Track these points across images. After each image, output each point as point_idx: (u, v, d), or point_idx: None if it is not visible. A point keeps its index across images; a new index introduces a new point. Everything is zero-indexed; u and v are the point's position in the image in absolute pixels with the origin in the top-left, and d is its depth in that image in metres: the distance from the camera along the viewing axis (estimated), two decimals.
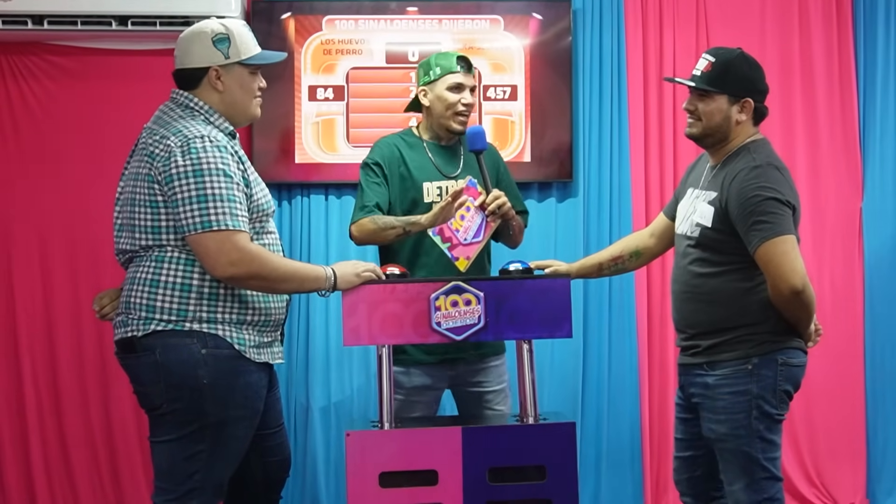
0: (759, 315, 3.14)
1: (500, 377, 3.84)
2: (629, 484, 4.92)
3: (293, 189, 4.86)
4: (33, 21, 4.54)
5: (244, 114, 3.13)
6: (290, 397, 4.79)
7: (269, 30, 4.75)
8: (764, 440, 3.14)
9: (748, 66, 3.25)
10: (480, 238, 3.59)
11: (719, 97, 3.22)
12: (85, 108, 4.81)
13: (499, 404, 3.81)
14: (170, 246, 2.93)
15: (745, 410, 3.12)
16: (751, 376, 3.12)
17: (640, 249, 3.62)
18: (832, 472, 4.98)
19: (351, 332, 3.14)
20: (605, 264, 3.65)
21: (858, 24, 5.06)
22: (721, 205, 3.14)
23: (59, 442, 4.79)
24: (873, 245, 5.03)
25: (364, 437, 3.14)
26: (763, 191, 3.06)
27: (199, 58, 3.04)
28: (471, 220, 3.60)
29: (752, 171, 3.11)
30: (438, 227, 3.56)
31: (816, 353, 4.90)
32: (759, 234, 3.04)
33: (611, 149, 4.95)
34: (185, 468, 2.94)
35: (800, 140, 5.02)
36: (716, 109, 3.22)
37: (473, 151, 3.63)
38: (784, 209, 3.07)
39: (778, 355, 3.14)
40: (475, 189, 3.60)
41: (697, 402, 3.25)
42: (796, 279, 3.03)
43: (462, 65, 3.71)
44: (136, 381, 3.01)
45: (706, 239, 3.19)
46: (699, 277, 3.21)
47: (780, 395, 3.15)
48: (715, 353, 3.17)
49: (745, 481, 3.14)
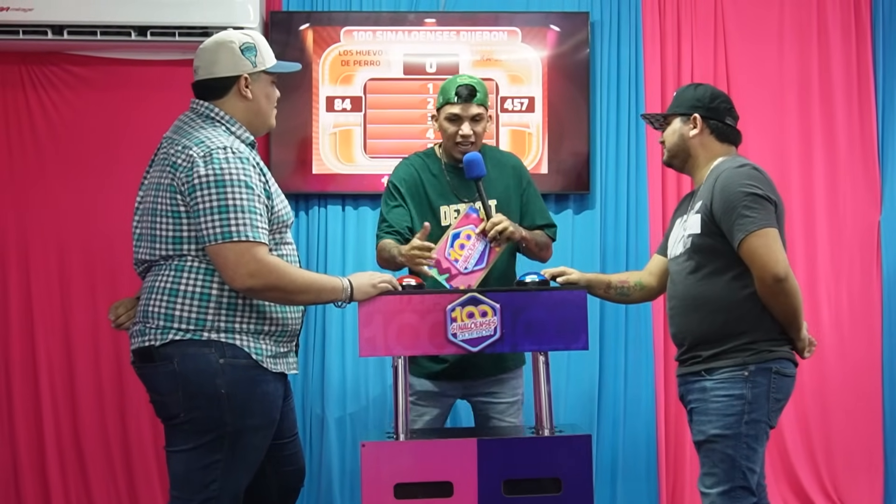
0: (755, 323, 3.18)
1: (515, 390, 3.83)
2: (645, 497, 4.91)
3: (310, 199, 4.87)
4: (53, 31, 4.57)
5: (265, 122, 3.16)
6: (305, 408, 4.80)
7: (287, 40, 4.76)
8: (749, 447, 3.15)
9: (695, 89, 3.46)
10: (484, 265, 3.57)
11: (673, 119, 3.42)
12: (104, 117, 4.83)
13: (511, 416, 3.81)
14: (190, 256, 2.93)
15: (737, 413, 3.14)
16: (746, 382, 3.15)
17: (644, 283, 3.64)
18: (849, 485, 4.95)
19: (367, 343, 3.14)
20: (613, 284, 3.65)
21: (877, 37, 5.05)
22: (707, 208, 3.21)
23: (76, 451, 4.80)
24: (891, 257, 5.01)
25: (379, 447, 3.14)
26: (743, 187, 3.14)
27: (228, 67, 3.05)
28: (472, 248, 3.57)
29: (733, 171, 3.20)
30: (435, 261, 3.56)
31: (833, 364, 4.95)
32: (743, 229, 3.11)
33: (628, 161, 4.95)
34: (202, 478, 2.94)
35: (818, 153, 5.01)
36: (671, 131, 3.43)
37: (471, 179, 3.62)
38: (765, 204, 3.14)
39: (772, 364, 3.18)
40: (476, 216, 3.58)
41: (693, 407, 3.27)
42: (779, 268, 3.09)
43: (461, 94, 3.69)
44: (153, 391, 3.02)
45: (697, 246, 3.24)
46: (696, 286, 3.25)
47: (772, 403, 3.18)
48: (714, 360, 3.21)
49: (723, 487, 3.15)
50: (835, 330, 4.99)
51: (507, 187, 3.81)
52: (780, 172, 4.99)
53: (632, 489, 4.90)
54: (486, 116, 3.75)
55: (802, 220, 4.99)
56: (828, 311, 4.99)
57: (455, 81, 3.76)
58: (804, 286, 4.97)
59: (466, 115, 3.69)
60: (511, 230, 3.56)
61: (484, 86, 3.78)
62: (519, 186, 3.84)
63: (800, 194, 4.99)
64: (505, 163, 3.89)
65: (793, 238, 4.97)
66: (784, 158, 4.99)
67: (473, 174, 3.57)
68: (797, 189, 4.99)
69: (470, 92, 3.69)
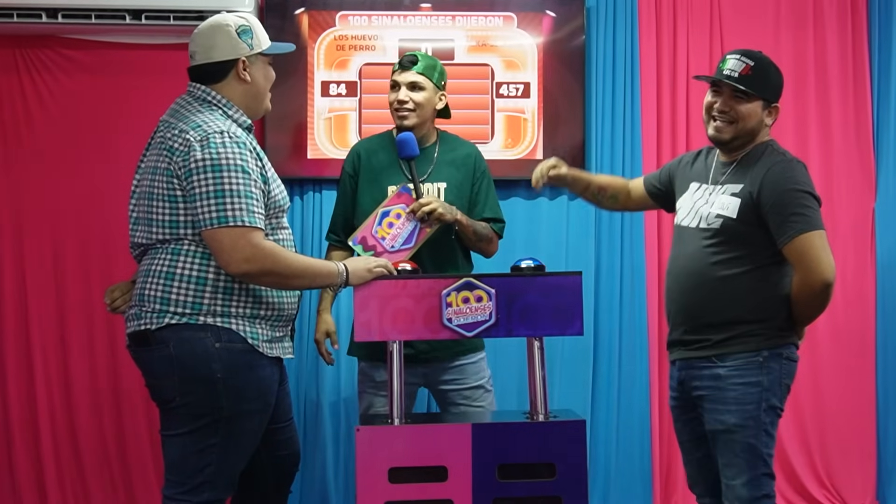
0: (772, 311, 3.17)
1: (478, 373, 3.83)
2: (639, 481, 4.92)
3: (305, 184, 4.86)
4: (47, 14, 4.55)
5: (262, 105, 3.17)
6: (300, 392, 4.79)
7: (282, 25, 4.75)
8: (768, 434, 3.17)
9: (777, 73, 3.32)
10: (412, 244, 3.60)
11: (756, 101, 3.25)
12: (99, 101, 4.81)
13: (477, 400, 3.81)
14: (187, 240, 2.93)
15: (755, 402, 3.15)
16: (761, 368, 3.15)
17: (618, 197, 3.66)
18: (842, 473, 4.96)
19: (362, 327, 3.15)
20: (592, 187, 3.72)
21: (873, 25, 5.04)
22: (752, 196, 3.15)
23: (70, 436, 4.79)
24: (885, 245, 5.01)
25: (374, 432, 3.15)
26: (800, 185, 3.12)
27: (226, 50, 3.04)
28: (401, 227, 3.60)
29: (787, 165, 3.16)
30: (360, 237, 3.61)
31: (827, 353, 4.95)
32: (796, 227, 3.08)
33: (623, 147, 4.95)
34: (197, 461, 2.95)
35: (813, 140, 5.01)
36: (753, 112, 3.25)
37: (402, 158, 3.68)
38: (816, 204, 3.13)
39: (782, 349, 3.19)
40: (408, 195, 3.62)
41: (703, 394, 3.24)
42: (829, 273, 3.08)
43: (402, 63, 3.79)
44: (148, 374, 3.02)
45: (729, 230, 3.19)
46: (717, 270, 3.21)
47: (784, 389, 3.20)
48: (725, 346, 3.19)
49: (747, 476, 3.15)
50: (829, 317, 4.94)
51: (458, 174, 3.84)
52: None
53: (626, 473, 4.91)
54: (428, 87, 3.78)
55: None
56: None
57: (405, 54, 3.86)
58: None
59: (403, 81, 3.77)
60: (440, 211, 3.59)
61: (434, 62, 3.85)
62: (472, 176, 3.86)
63: None
64: (460, 151, 3.91)
65: None
66: None
67: (404, 154, 3.66)
68: None
69: (410, 60, 3.79)
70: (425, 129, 3.83)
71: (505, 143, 4.72)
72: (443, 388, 3.82)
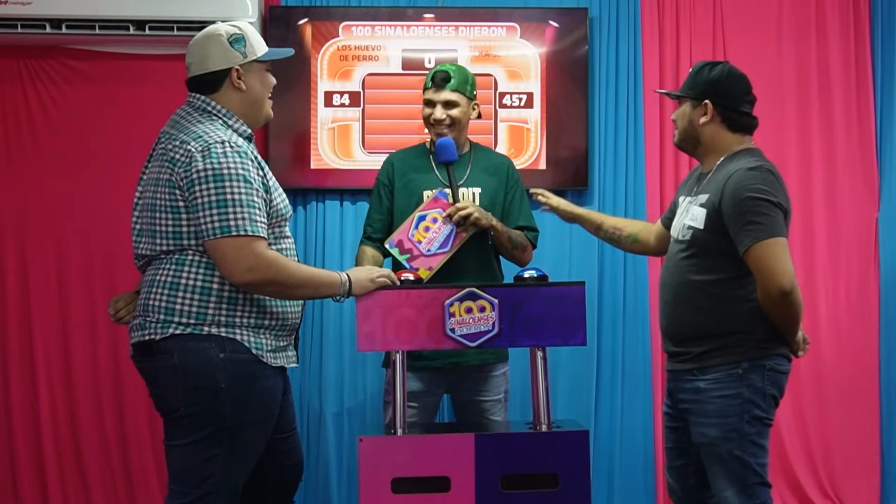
0: (750, 323, 3.15)
1: (500, 387, 3.85)
2: (642, 491, 4.91)
3: (308, 195, 4.87)
4: (52, 25, 4.56)
5: (262, 112, 3.16)
6: (303, 403, 4.79)
7: (285, 35, 4.76)
8: (755, 444, 3.15)
9: (710, 70, 3.31)
10: (448, 249, 3.61)
11: (685, 102, 3.33)
12: (102, 111, 4.82)
13: (495, 415, 3.82)
14: (190, 250, 2.93)
15: (736, 414, 3.13)
16: (741, 380, 3.14)
17: (639, 238, 3.67)
18: (846, 482, 4.95)
19: (365, 338, 3.15)
20: (604, 227, 3.73)
21: (876, 34, 5.04)
22: (714, 206, 3.16)
23: (73, 445, 4.80)
24: (889, 255, 5.01)
25: (377, 442, 3.14)
26: (757, 192, 3.08)
27: (219, 60, 3.05)
28: (437, 231, 3.62)
29: (747, 173, 3.13)
30: (397, 240, 3.62)
31: (831, 362, 4.95)
32: (752, 235, 3.06)
33: (626, 156, 4.95)
34: (201, 472, 2.94)
35: (816, 150, 5.01)
36: (682, 114, 3.34)
37: (441, 163, 3.71)
38: (776, 211, 3.09)
39: (766, 361, 3.16)
40: (445, 200, 3.64)
41: (687, 407, 3.26)
42: (785, 280, 3.05)
43: (436, 81, 3.80)
44: (152, 385, 3.02)
45: (697, 241, 3.21)
46: (692, 283, 3.23)
47: (769, 400, 3.17)
48: (705, 359, 3.19)
49: (737, 486, 3.15)
50: (832, 327, 5.00)
51: (492, 182, 3.87)
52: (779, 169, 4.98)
53: (629, 484, 4.91)
54: (462, 102, 3.80)
55: (801, 217, 4.98)
56: (825, 309, 4.99)
57: (434, 70, 3.87)
58: (802, 283, 4.95)
59: (438, 99, 3.79)
60: (477, 216, 3.61)
61: (465, 73, 3.87)
62: (506, 184, 3.89)
63: (798, 192, 4.98)
64: (494, 160, 3.98)
65: (791, 236, 4.92)
66: (782, 155, 4.98)
67: (443, 158, 3.69)
68: (795, 186, 4.98)
69: (443, 78, 3.80)
70: (462, 139, 3.87)
71: (508, 153, 4.72)
72: (465, 397, 3.83)
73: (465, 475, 3.10)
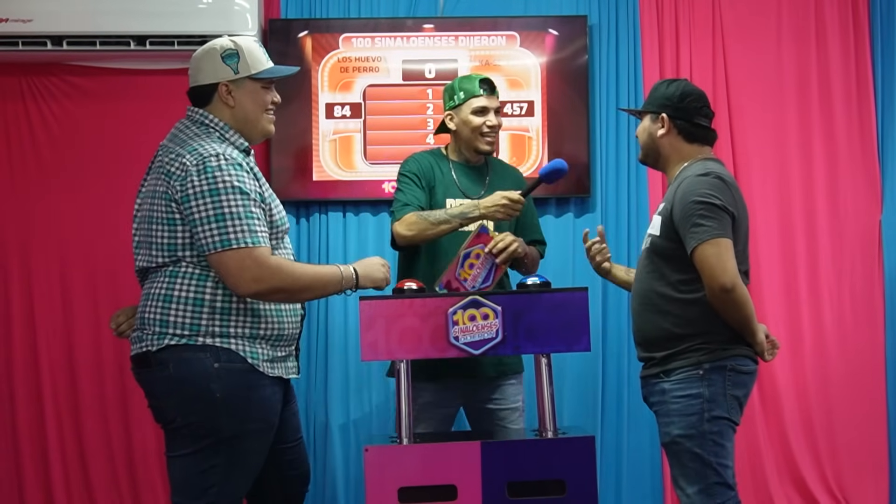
0: (710, 324, 3.20)
1: (516, 396, 3.85)
2: (649, 498, 4.90)
3: (311, 206, 4.87)
4: (52, 42, 4.58)
5: (256, 129, 3.14)
6: (308, 414, 4.80)
7: (285, 48, 4.77)
8: (716, 443, 3.17)
9: (666, 87, 3.44)
10: (489, 284, 3.60)
11: (644, 117, 3.45)
12: (103, 127, 4.84)
13: (513, 423, 3.81)
14: (184, 262, 2.95)
15: (697, 412, 3.17)
16: (702, 381, 3.18)
17: None
18: (854, 484, 4.93)
19: (369, 347, 3.15)
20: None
21: (875, 36, 5.05)
22: (668, 213, 3.24)
23: (79, 457, 4.80)
24: (893, 257, 5.00)
25: (383, 451, 3.15)
26: (702, 196, 3.16)
27: (209, 74, 3.07)
28: (480, 267, 3.61)
29: (696, 179, 3.21)
30: (445, 281, 3.57)
31: (836, 364, 4.94)
32: (696, 236, 3.13)
33: (628, 164, 4.96)
34: (201, 482, 2.94)
35: (818, 152, 5.01)
36: (643, 129, 3.46)
37: (543, 179, 3.69)
38: (721, 214, 3.15)
39: (727, 362, 3.20)
40: (486, 235, 3.62)
41: (656, 409, 3.31)
42: (726, 278, 3.11)
43: (485, 87, 3.81)
44: (151, 396, 3.04)
45: (657, 248, 3.29)
46: (654, 289, 3.28)
47: (731, 400, 3.20)
48: (669, 361, 3.23)
49: (699, 485, 3.17)
50: (837, 329, 4.99)
51: None
52: (781, 173, 5.00)
53: (636, 490, 4.90)
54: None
55: (803, 220, 4.99)
56: (830, 311, 4.99)
57: (473, 77, 3.88)
58: (806, 286, 4.99)
59: (493, 105, 3.82)
60: (517, 249, 3.61)
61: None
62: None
63: (800, 194, 4.99)
64: (509, 174, 3.99)
65: (794, 238, 4.98)
66: (784, 159, 5.00)
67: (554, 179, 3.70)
68: (798, 189, 4.99)
69: (492, 84, 3.84)
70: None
71: (509, 161, 4.71)
72: (481, 406, 3.82)
73: (472, 483, 3.10)
